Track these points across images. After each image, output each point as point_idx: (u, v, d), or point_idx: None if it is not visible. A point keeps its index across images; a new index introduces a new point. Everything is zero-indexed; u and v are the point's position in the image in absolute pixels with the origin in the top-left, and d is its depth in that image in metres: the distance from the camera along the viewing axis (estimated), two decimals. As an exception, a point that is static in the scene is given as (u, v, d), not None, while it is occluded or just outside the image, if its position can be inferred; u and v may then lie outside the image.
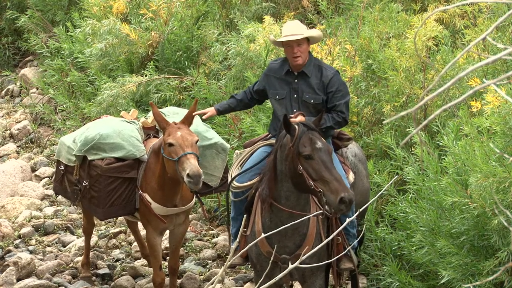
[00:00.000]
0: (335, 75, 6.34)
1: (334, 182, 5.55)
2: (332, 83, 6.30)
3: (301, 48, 6.30)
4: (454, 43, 8.48)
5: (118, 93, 9.68)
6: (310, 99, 6.31)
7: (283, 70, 6.41)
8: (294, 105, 6.34)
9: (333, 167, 5.66)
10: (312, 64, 6.37)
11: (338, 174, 5.62)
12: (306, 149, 5.68)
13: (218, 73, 9.78)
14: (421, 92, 7.79)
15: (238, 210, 6.44)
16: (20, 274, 7.96)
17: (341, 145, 6.59)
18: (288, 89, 6.36)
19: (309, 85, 6.32)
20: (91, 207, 7.23)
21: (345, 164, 6.51)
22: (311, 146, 5.68)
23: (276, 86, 6.41)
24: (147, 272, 8.06)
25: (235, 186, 6.37)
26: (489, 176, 5.92)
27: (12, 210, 9.34)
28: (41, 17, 12.81)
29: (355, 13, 9.28)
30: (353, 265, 6.30)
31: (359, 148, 6.92)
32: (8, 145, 11.38)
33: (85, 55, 10.84)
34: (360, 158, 6.78)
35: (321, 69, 6.36)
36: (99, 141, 7.09)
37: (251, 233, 6.14)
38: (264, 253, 6.03)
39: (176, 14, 10.45)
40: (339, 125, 6.35)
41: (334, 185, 5.54)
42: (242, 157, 6.57)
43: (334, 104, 6.29)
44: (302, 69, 6.34)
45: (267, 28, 9.25)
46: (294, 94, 6.36)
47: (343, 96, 6.31)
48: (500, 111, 6.15)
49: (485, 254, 6.20)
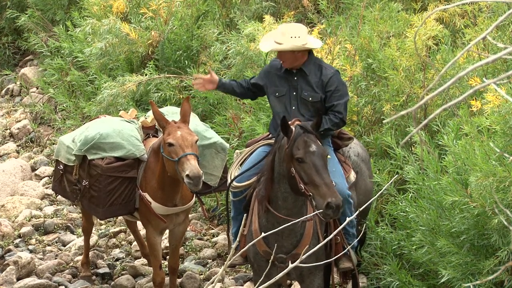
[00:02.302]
0: (334, 74, 6.31)
1: (323, 186, 5.55)
2: (331, 82, 6.27)
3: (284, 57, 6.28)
4: (454, 43, 8.48)
5: (118, 92, 9.67)
6: (309, 97, 6.29)
7: (283, 67, 6.40)
8: (293, 103, 6.33)
9: (325, 171, 5.64)
10: (312, 62, 6.35)
11: (328, 179, 5.60)
12: (299, 152, 5.68)
13: (218, 72, 9.77)
14: (421, 91, 7.78)
15: (238, 209, 6.44)
16: (20, 274, 7.96)
17: (342, 144, 6.57)
18: (288, 87, 6.35)
19: (308, 83, 6.30)
20: (90, 206, 7.22)
21: (346, 164, 6.50)
22: (304, 149, 5.67)
23: (276, 83, 6.39)
24: (147, 271, 8.06)
25: (234, 185, 6.37)
26: (489, 176, 5.91)
27: (12, 209, 9.33)
28: (41, 16, 12.81)
29: (355, 12, 9.27)
30: (352, 265, 6.30)
31: (362, 147, 6.90)
32: (8, 144, 11.37)
33: (85, 55, 10.83)
34: (363, 157, 6.76)
35: (321, 68, 6.33)
36: (99, 141, 7.09)
37: (248, 232, 6.14)
38: (261, 252, 6.05)
39: (176, 14, 10.44)
40: (337, 126, 6.32)
41: (323, 190, 5.53)
42: (242, 156, 6.57)
43: (332, 103, 6.27)
44: (301, 67, 6.32)
45: (267, 28, 9.24)
46: (293, 92, 6.34)
47: (341, 96, 6.28)
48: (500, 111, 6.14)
49: (485, 254, 6.20)
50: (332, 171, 6.11)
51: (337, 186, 6.08)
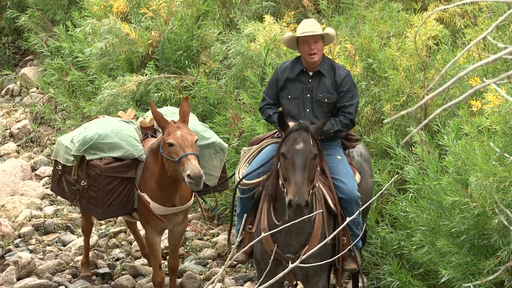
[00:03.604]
0: (347, 75, 6.38)
1: (292, 184, 5.59)
2: (345, 82, 6.32)
3: (318, 45, 6.29)
4: (455, 43, 8.48)
5: (118, 92, 9.68)
6: (324, 98, 6.31)
7: (295, 70, 6.40)
8: (307, 105, 6.33)
9: (301, 170, 5.62)
10: (326, 63, 6.39)
11: (300, 178, 5.60)
12: (284, 148, 5.74)
13: (218, 72, 9.77)
14: (421, 91, 7.78)
15: (245, 207, 6.43)
16: (20, 274, 7.96)
17: (349, 145, 6.62)
18: (301, 89, 6.35)
19: (324, 85, 6.33)
20: (89, 207, 7.21)
21: (352, 165, 6.52)
22: (290, 146, 5.71)
23: (288, 86, 6.39)
24: (147, 271, 8.06)
25: (243, 183, 6.36)
26: (489, 176, 5.91)
27: (12, 209, 9.33)
28: (41, 16, 12.81)
29: (356, 12, 9.27)
30: (358, 266, 6.30)
31: (364, 147, 6.96)
32: (8, 144, 11.38)
33: (85, 55, 10.84)
34: (366, 157, 6.81)
35: (334, 69, 6.38)
36: (98, 141, 7.08)
37: (256, 230, 6.14)
38: (269, 251, 6.02)
39: (176, 13, 10.44)
40: (346, 127, 6.36)
41: (291, 187, 5.58)
42: (250, 154, 6.56)
43: (343, 104, 6.31)
44: (318, 68, 6.34)
45: (267, 27, 9.25)
46: (307, 94, 6.34)
47: (353, 97, 6.34)
48: (500, 111, 6.14)
49: (485, 254, 6.20)
50: (343, 172, 6.15)
51: (347, 187, 6.11)
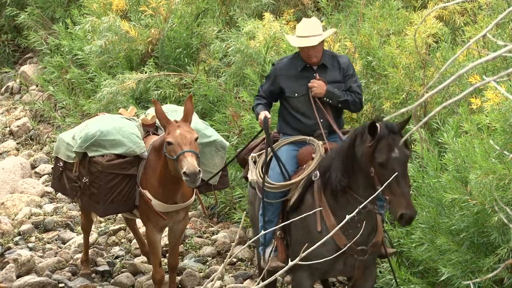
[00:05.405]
0: (349, 60, 6.54)
1: (400, 197, 5.52)
2: (349, 67, 6.46)
3: (317, 50, 6.31)
4: (454, 40, 8.48)
5: (117, 90, 9.67)
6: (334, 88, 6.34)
7: (297, 66, 6.38)
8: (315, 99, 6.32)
9: (404, 180, 5.58)
10: (326, 55, 6.43)
11: (406, 188, 5.56)
12: (381, 157, 5.58)
13: (218, 70, 9.77)
14: (421, 89, 7.78)
15: (275, 211, 6.27)
16: (20, 271, 7.96)
17: None
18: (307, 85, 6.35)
19: (331, 76, 6.37)
20: (90, 203, 7.22)
21: None
22: (387, 154, 5.58)
23: (291, 83, 6.37)
24: (147, 269, 8.06)
25: (272, 185, 6.21)
26: (489, 173, 5.92)
27: (11, 207, 9.34)
28: (41, 14, 12.80)
29: (355, 10, 9.27)
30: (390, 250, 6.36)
31: None
32: (8, 142, 11.37)
33: (85, 52, 10.83)
34: None
35: (336, 58, 6.46)
36: (100, 138, 7.09)
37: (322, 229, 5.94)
38: (341, 247, 5.83)
39: (175, 11, 10.44)
40: (354, 105, 6.41)
41: (399, 200, 5.52)
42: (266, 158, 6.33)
43: (350, 86, 6.41)
44: (322, 61, 6.38)
45: (267, 25, 9.24)
46: None
47: (357, 80, 6.49)
48: (500, 108, 6.15)
49: (485, 251, 6.20)
50: None
51: None
